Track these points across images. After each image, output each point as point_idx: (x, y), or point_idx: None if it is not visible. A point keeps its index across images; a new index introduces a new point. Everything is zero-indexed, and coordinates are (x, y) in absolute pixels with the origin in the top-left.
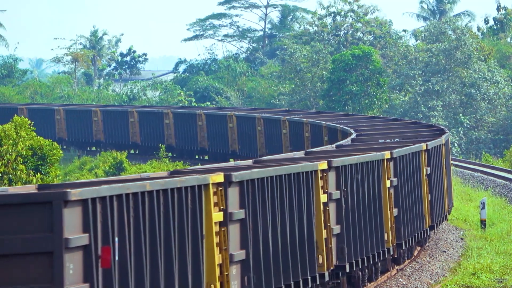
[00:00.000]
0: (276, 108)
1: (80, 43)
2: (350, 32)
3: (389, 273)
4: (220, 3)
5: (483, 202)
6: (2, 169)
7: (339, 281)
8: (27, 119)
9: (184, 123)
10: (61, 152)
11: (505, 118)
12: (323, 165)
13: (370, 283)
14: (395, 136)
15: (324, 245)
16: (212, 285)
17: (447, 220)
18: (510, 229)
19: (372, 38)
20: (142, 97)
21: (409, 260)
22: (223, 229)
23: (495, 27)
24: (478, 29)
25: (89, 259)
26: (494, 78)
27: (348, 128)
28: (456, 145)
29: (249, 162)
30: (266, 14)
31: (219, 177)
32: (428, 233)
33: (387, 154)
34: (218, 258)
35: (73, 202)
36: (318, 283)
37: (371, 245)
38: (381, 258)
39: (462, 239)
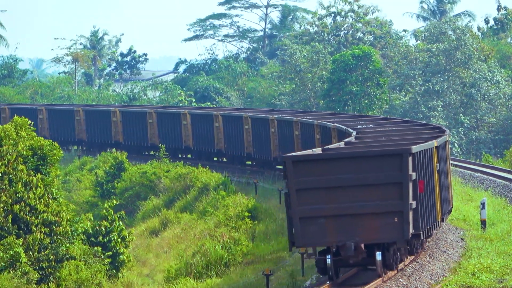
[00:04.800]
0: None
1: (81, 43)
2: (350, 32)
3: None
4: (220, 3)
5: (483, 202)
6: (2, 169)
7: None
8: (27, 119)
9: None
10: (61, 152)
11: (505, 118)
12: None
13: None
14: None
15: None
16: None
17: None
18: (510, 229)
19: (372, 38)
20: (143, 97)
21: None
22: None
23: (496, 27)
24: (479, 29)
25: (415, 187)
26: (495, 78)
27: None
28: (456, 145)
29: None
30: (266, 14)
31: (436, 143)
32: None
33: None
34: (438, 192)
35: (411, 154)
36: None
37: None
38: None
39: (462, 239)
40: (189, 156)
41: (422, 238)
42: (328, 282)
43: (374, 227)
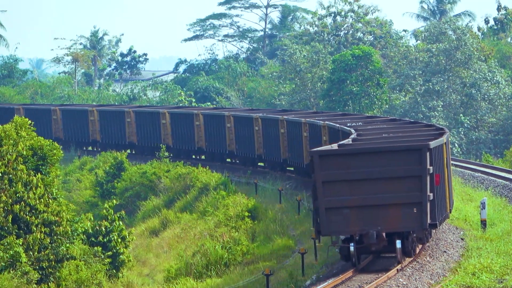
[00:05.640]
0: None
1: (81, 43)
2: (350, 32)
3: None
4: (220, 3)
5: (484, 202)
6: (2, 169)
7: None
8: (27, 119)
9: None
10: (61, 152)
11: (505, 118)
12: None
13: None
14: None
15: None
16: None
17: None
18: (510, 229)
19: (372, 38)
20: (143, 97)
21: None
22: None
23: (496, 27)
24: (479, 29)
25: (432, 180)
26: (495, 78)
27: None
28: (456, 145)
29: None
30: (266, 14)
31: (445, 139)
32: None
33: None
34: (447, 183)
35: (429, 149)
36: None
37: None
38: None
39: (462, 239)
40: (166, 153)
41: (437, 227)
42: (352, 269)
43: (394, 217)
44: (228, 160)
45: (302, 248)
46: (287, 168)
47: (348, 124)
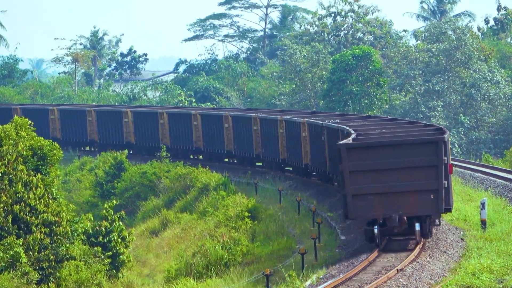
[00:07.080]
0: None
1: (81, 43)
2: (351, 32)
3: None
4: (220, 4)
5: (483, 203)
6: (2, 169)
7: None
8: (27, 119)
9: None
10: (61, 152)
11: (505, 118)
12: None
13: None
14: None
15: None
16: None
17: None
18: (510, 229)
19: (372, 38)
20: (143, 97)
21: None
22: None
23: (496, 27)
24: (479, 29)
25: (446, 169)
26: (495, 78)
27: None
28: (456, 145)
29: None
30: (266, 14)
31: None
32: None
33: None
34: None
35: (444, 142)
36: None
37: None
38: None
39: (462, 239)
40: (126, 151)
41: (451, 211)
42: (376, 249)
43: (414, 202)
44: (191, 156)
45: (302, 248)
46: (257, 164)
47: (326, 121)
